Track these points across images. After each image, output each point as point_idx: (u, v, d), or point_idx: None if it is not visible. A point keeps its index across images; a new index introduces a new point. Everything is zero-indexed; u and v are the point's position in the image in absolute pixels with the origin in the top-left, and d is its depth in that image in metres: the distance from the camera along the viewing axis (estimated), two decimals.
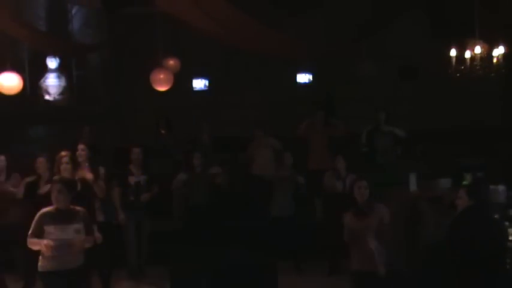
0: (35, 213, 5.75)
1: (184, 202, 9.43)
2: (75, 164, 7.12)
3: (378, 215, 5.93)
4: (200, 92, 13.53)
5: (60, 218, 5.62)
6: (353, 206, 6.06)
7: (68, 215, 5.65)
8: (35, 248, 5.64)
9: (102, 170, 7.77)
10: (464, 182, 8.16)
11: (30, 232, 5.64)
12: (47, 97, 12.57)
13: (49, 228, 5.57)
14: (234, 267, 7.17)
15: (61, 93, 12.58)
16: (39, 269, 5.69)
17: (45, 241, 5.51)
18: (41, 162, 7.62)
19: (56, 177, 6.11)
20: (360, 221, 5.93)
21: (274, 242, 8.72)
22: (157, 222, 9.18)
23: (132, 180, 8.65)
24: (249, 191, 10.14)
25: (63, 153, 7.06)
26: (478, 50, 8.65)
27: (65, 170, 6.92)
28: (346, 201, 6.46)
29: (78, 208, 5.77)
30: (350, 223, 5.99)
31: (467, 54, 8.70)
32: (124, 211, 8.49)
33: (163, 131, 11.22)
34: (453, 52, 8.77)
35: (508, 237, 5.88)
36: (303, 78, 13.12)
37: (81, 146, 7.80)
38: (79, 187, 6.71)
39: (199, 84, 13.41)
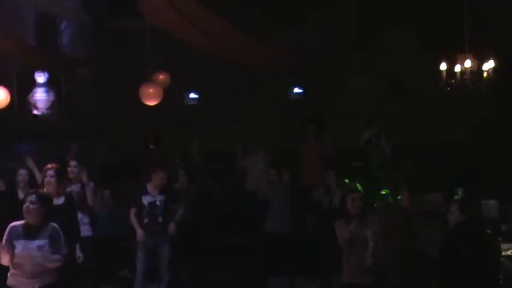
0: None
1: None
2: (60, 177, 6.79)
3: (372, 226, 5.89)
4: (190, 107, 13.50)
5: (27, 233, 5.38)
6: (345, 217, 6.01)
7: (35, 231, 5.38)
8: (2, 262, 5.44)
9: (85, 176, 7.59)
10: (456, 197, 8.13)
11: (1, 243, 5.41)
12: (35, 112, 12.49)
13: (16, 243, 5.37)
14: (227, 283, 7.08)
15: (49, 108, 12.51)
16: (7, 282, 5.47)
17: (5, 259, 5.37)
18: (22, 175, 7.52)
19: (31, 190, 5.84)
20: (356, 230, 5.86)
21: (268, 258, 8.64)
22: None
23: (145, 200, 7.65)
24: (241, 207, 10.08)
25: (49, 165, 6.85)
26: (468, 64, 8.64)
27: (49, 183, 6.62)
28: (337, 217, 6.41)
29: (50, 224, 5.46)
30: (344, 233, 5.91)
31: (457, 68, 8.70)
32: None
33: (151, 146, 11.13)
34: (443, 66, 8.76)
35: (501, 253, 5.82)
36: (294, 93, 13.13)
37: (73, 163, 7.67)
38: (63, 201, 6.58)
39: (189, 98, 13.42)
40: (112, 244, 8.66)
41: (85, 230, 7.43)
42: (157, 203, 7.61)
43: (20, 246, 5.37)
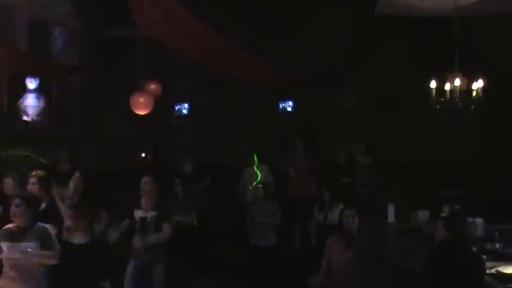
0: None
1: None
2: (43, 184, 6.76)
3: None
4: (181, 117, 13.51)
5: (15, 235, 5.41)
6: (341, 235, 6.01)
7: (21, 233, 5.40)
8: None
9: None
10: (442, 214, 8.19)
11: None
12: (25, 118, 12.46)
13: (4, 246, 5.41)
14: None
15: (39, 114, 12.48)
16: None
17: None
18: (8, 183, 7.48)
19: (15, 193, 5.90)
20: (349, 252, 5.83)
21: (254, 272, 8.64)
22: None
23: (137, 214, 7.07)
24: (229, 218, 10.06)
25: (33, 172, 6.87)
26: (457, 82, 8.71)
27: (31, 190, 6.62)
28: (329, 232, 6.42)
29: (41, 225, 5.49)
30: (341, 253, 5.90)
31: (447, 86, 8.76)
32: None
33: (148, 157, 11.00)
34: (433, 84, 8.82)
35: (485, 271, 5.87)
36: (285, 106, 13.18)
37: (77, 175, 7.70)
38: (44, 206, 6.54)
39: (180, 109, 13.43)
40: (95, 252, 8.52)
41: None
42: (148, 219, 7.00)
43: (6, 249, 5.40)
